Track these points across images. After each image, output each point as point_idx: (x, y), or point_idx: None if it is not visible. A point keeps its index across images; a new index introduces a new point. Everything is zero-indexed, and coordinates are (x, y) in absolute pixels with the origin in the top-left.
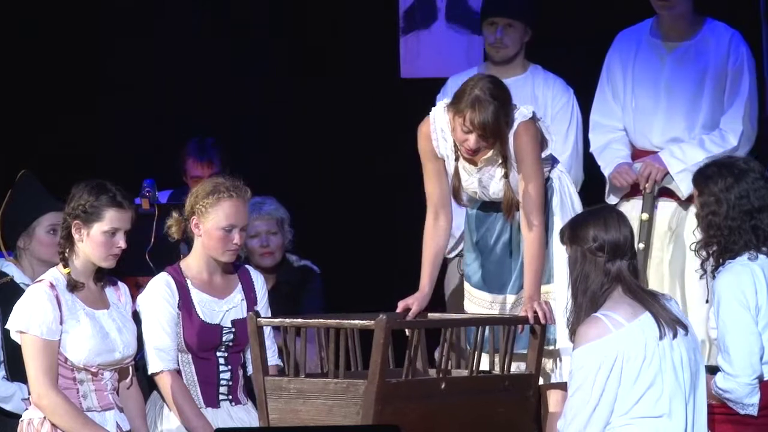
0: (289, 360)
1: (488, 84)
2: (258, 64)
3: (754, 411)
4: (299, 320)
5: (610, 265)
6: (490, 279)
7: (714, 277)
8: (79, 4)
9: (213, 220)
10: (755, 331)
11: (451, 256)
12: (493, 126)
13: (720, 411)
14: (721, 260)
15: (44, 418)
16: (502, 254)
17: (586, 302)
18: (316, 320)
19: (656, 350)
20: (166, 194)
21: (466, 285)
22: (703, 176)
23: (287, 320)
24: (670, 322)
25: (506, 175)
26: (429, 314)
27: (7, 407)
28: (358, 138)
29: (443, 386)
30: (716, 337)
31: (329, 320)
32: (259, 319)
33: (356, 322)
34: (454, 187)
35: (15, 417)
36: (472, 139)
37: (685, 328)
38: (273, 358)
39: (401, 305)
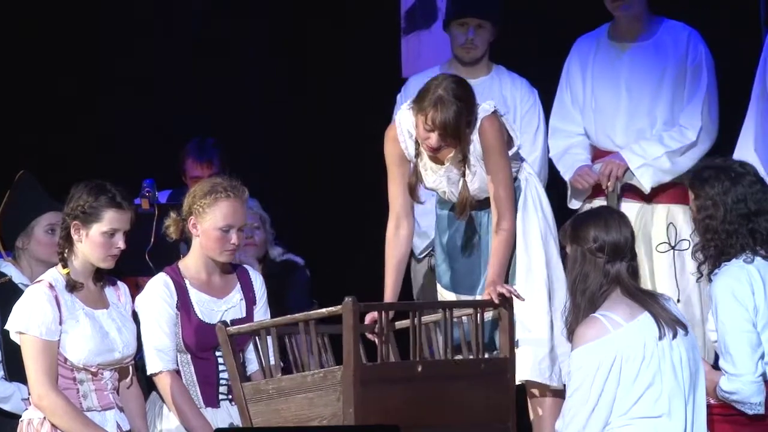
0: (264, 362)
1: (452, 84)
2: (258, 65)
3: (761, 409)
4: (267, 321)
5: (609, 266)
6: (460, 280)
7: (710, 280)
8: (79, 4)
9: (210, 221)
10: (754, 330)
11: (420, 256)
12: (453, 126)
13: (719, 411)
14: (717, 263)
15: (44, 418)
16: (472, 255)
17: (585, 302)
18: (284, 317)
19: (655, 350)
20: (165, 194)
21: (438, 285)
22: (699, 179)
23: (255, 324)
24: (670, 323)
25: (463, 174)
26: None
27: (6, 407)
28: (358, 138)
29: (420, 369)
30: (716, 339)
31: (296, 315)
32: (228, 328)
33: (323, 310)
34: (410, 183)
35: (14, 417)
36: (433, 137)
37: (685, 328)
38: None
39: (368, 318)
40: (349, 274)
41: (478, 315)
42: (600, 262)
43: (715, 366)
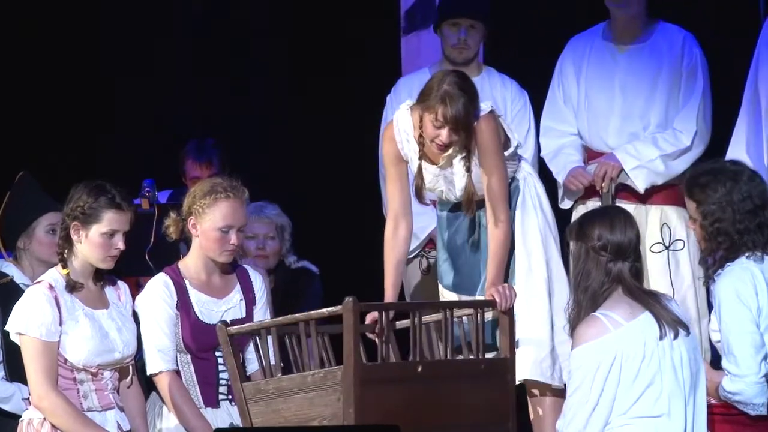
0: (264, 362)
1: (455, 78)
2: (258, 65)
3: (764, 410)
4: (267, 322)
5: (611, 266)
6: (461, 280)
7: (714, 281)
8: (79, 4)
9: (210, 221)
10: (758, 330)
11: (410, 256)
12: (464, 119)
13: (719, 411)
14: (722, 264)
15: (44, 418)
16: (472, 255)
17: (587, 300)
18: (284, 318)
19: (655, 350)
20: (165, 194)
21: (440, 286)
22: (698, 186)
23: (255, 324)
24: (671, 323)
25: (468, 169)
26: (396, 322)
27: (7, 408)
28: (359, 138)
29: (420, 369)
30: (718, 339)
31: (298, 314)
32: (228, 328)
33: (323, 310)
34: (416, 185)
35: (15, 417)
36: (444, 133)
37: (686, 328)
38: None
39: (369, 318)
40: (350, 275)
41: (479, 315)
42: (603, 261)
43: (716, 366)
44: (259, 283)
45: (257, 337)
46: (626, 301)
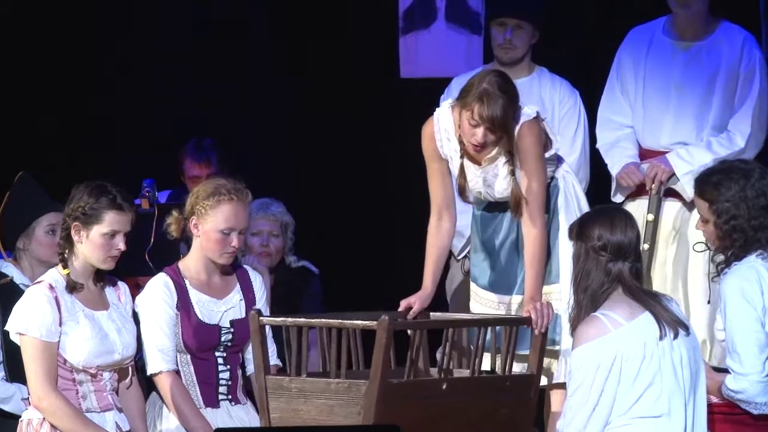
0: (290, 359)
1: (496, 78)
2: (258, 64)
3: (766, 410)
4: (301, 320)
5: (611, 266)
6: (498, 280)
7: (720, 279)
8: (79, 4)
9: (212, 222)
10: (762, 329)
11: (459, 257)
12: (501, 119)
13: (720, 411)
14: (729, 262)
15: (44, 418)
16: (509, 255)
17: (587, 300)
18: (319, 320)
19: (655, 350)
20: (165, 194)
21: (473, 285)
22: (711, 185)
23: (289, 319)
24: (671, 323)
25: (512, 172)
26: (431, 314)
27: (7, 408)
28: (358, 138)
29: (444, 387)
30: (723, 338)
31: (332, 320)
32: (261, 318)
33: (358, 322)
34: (460, 185)
35: (14, 418)
36: (479, 132)
37: (686, 328)
38: (272, 358)
39: (403, 304)
40: (348, 274)
41: (511, 333)
42: (602, 261)
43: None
44: (258, 283)
45: (288, 333)
46: (626, 301)
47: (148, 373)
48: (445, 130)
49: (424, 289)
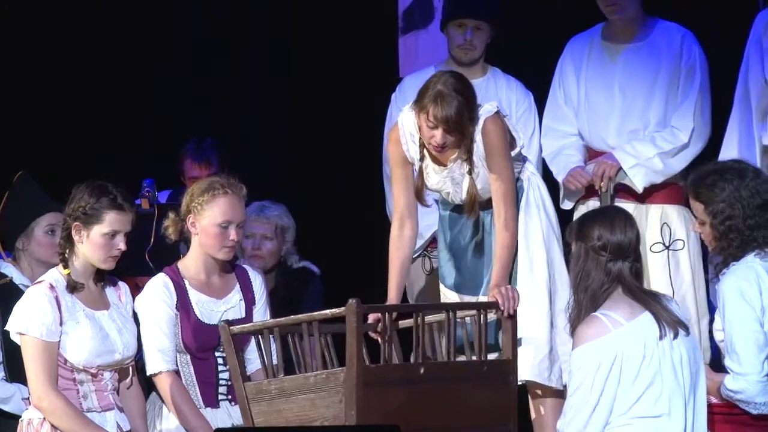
0: (264, 362)
1: (451, 79)
2: (258, 65)
3: (766, 410)
4: (270, 322)
5: (611, 265)
6: (464, 281)
7: (718, 280)
8: (79, 4)
9: (209, 217)
10: (761, 329)
11: (415, 256)
12: (456, 120)
13: (720, 411)
14: (726, 262)
15: (44, 418)
16: (475, 256)
17: (587, 300)
18: (288, 318)
19: (655, 350)
20: (165, 194)
21: (441, 286)
22: (705, 186)
23: (258, 323)
24: (671, 323)
25: (470, 172)
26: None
27: (7, 408)
28: (358, 138)
29: (422, 371)
30: (722, 338)
31: (300, 315)
32: (231, 327)
33: (327, 311)
34: (416, 187)
35: (15, 418)
36: (438, 134)
37: (686, 328)
38: (256, 364)
39: (371, 317)
40: (348, 274)
41: (482, 317)
42: (602, 261)
43: (717, 366)
44: (258, 283)
45: (260, 337)
46: (626, 301)
47: (148, 374)
48: (410, 133)
49: (390, 301)
